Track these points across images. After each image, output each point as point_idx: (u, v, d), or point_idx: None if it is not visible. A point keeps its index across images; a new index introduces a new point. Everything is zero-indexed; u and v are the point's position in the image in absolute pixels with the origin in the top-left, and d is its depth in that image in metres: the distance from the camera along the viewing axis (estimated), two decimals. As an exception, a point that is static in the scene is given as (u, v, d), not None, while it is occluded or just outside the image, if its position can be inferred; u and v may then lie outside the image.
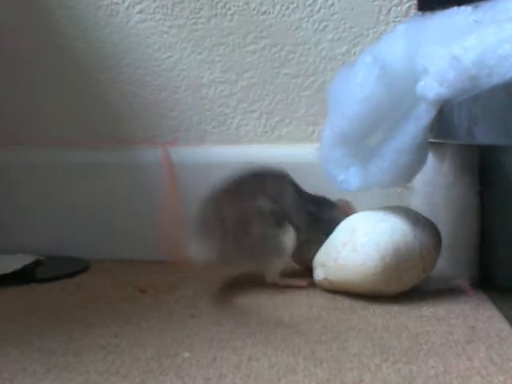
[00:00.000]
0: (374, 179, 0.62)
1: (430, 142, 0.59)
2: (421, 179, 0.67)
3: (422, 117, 0.56)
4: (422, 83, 0.55)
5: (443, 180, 0.67)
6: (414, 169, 0.61)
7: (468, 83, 0.51)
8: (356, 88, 0.59)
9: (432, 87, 0.54)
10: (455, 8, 0.58)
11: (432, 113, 0.56)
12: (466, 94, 0.49)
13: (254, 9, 0.78)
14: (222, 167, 0.71)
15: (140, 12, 0.80)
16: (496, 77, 0.48)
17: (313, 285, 0.67)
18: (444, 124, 0.54)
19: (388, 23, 0.75)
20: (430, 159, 0.64)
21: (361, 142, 0.63)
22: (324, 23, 0.77)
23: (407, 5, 0.74)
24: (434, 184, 0.67)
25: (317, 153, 0.67)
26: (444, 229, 0.64)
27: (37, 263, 0.78)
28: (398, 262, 0.60)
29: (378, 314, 0.58)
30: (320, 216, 0.69)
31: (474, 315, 0.57)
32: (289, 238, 0.67)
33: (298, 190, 0.69)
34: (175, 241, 0.70)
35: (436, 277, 0.65)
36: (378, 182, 0.62)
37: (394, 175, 0.61)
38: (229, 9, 0.78)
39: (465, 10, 0.57)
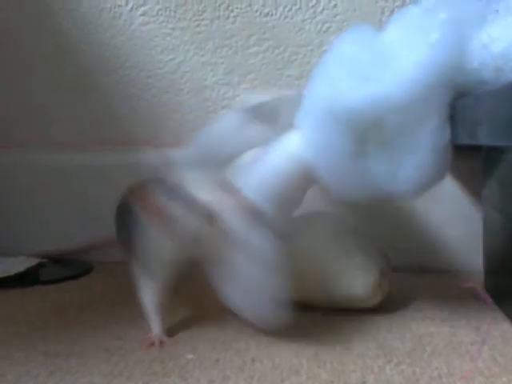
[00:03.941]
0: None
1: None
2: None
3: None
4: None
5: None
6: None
7: (491, 74, 0.47)
8: (426, 51, 0.49)
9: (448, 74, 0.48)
10: None
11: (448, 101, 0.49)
12: (483, 87, 0.46)
13: (256, 10, 0.78)
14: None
15: (143, 14, 0.80)
16: None
17: None
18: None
19: (391, 24, 0.75)
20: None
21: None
22: (327, 25, 0.77)
23: (410, 6, 0.74)
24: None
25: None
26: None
27: (40, 265, 0.78)
28: None
29: (381, 315, 0.58)
30: None
31: (478, 316, 0.57)
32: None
33: None
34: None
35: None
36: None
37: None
38: (231, 11, 0.78)
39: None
